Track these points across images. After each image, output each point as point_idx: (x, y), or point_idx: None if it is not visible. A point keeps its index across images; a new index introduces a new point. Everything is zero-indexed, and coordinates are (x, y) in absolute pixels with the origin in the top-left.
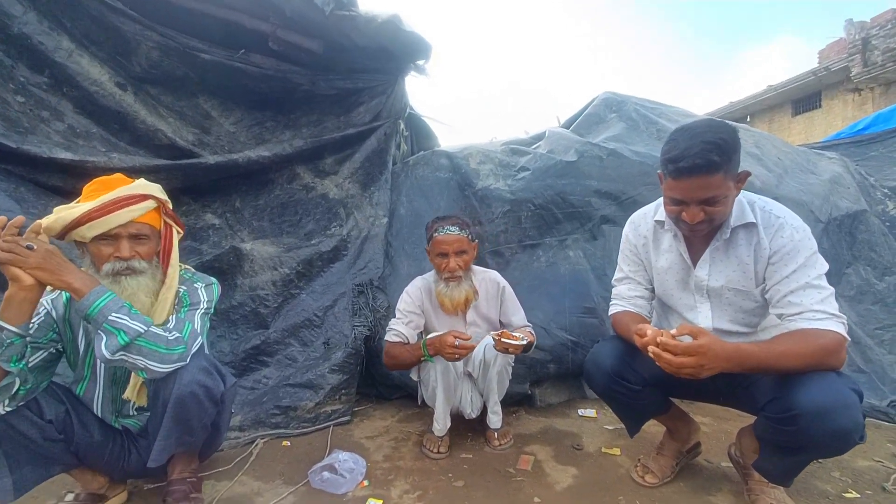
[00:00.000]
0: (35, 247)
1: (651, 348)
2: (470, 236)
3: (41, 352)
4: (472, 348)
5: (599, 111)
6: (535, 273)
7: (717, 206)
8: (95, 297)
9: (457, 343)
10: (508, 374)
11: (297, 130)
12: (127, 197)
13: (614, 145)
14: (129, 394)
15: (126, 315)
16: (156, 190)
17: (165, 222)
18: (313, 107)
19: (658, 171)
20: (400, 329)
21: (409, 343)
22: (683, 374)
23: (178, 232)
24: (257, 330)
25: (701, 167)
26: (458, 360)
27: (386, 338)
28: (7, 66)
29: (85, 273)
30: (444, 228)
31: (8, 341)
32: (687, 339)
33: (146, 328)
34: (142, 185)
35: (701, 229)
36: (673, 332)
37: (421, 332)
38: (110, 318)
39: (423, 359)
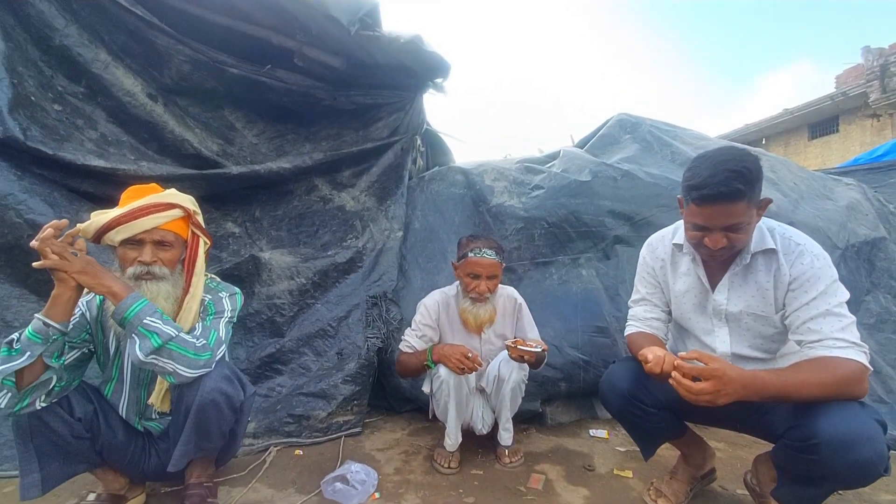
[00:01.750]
0: (78, 254)
1: (674, 374)
2: (502, 261)
3: (75, 351)
4: (480, 365)
5: (614, 132)
6: (547, 291)
7: (740, 233)
8: (132, 302)
9: (469, 354)
10: (522, 391)
11: (316, 143)
12: (154, 204)
13: (628, 166)
14: (153, 399)
15: (159, 320)
16: (186, 200)
17: (193, 232)
18: (333, 121)
19: (678, 196)
20: (412, 342)
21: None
22: (702, 401)
23: (206, 243)
24: (273, 338)
25: (725, 195)
26: (462, 373)
27: (399, 347)
28: (47, 76)
29: (121, 279)
30: (480, 251)
31: (53, 337)
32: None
33: (177, 333)
34: (171, 195)
35: (721, 255)
36: (683, 354)
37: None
38: (145, 321)
39: (425, 363)
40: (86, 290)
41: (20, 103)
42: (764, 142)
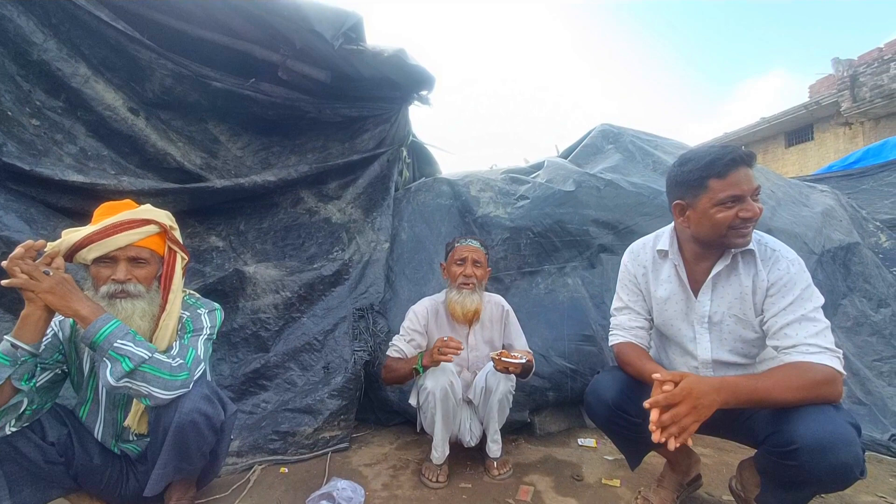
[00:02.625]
0: (51, 272)
1: (653, 426)
2: (487, 256)
3: (47, 372)
4: (460, 348)
5: (597, 142)
6: (533, 300)
7: (759, 202)
8: (102, 325)
9: (444, 338)
10: (509, 402)
11: (302, 156)
12: (128, 221)
13: (611, 176)
14: (129, 421)
15: (131, 342)
16: (161, 216)
17: (169, 248)
18: (319, 133)
19: (676, 202)
20: (400, 346)
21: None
22: (688, 424)
23: (183, 258)
24: (258, 353)
25: (748, 156)
26: (448, 360)
27: (387, 353)
28: (25, 90)
29: (92, 301)
30: (465, 240)
31: (22, 359)
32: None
33: (150, 354)
34: (146, 210)
35: (751, 233)
36: (650, 402)
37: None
38: (115, 344)
39: (414, 367)
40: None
41: None
42: (743, 149)
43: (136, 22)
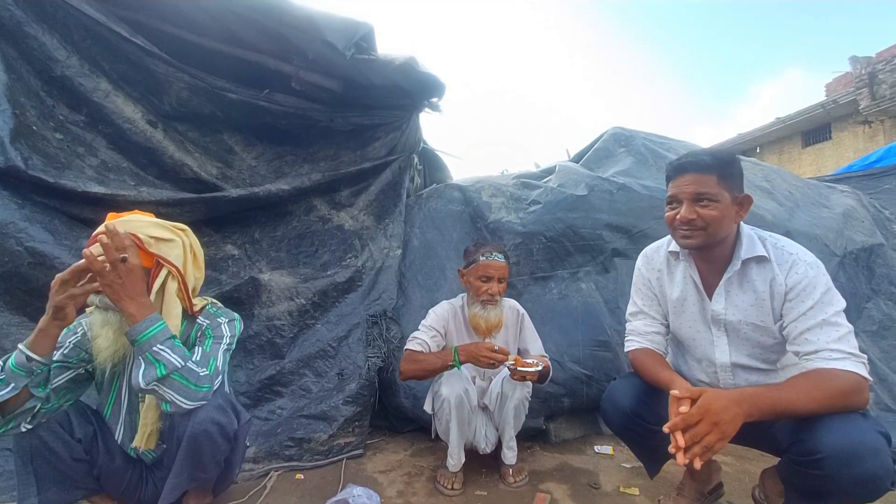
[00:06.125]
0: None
1: (674, 447)
2: (509, 266)
3: (70, 371)
4: (507, 354)
5: (608, 146)
6: (547, 305)
7: (709, 209)
8: (147, 326)
9: (496, 347)
10: (525, 408)
11: (315, 164)
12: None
13: (624, 179)
14: (137, 442)
15: (169, 348)
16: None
17: (157, 262)
18: (331, 141)
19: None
20: (424, 339)
21: (430, 352)
22: (713, 442)
23: (174, 276)
24: (273, 360)
25: (693, 164)
26: (494, 367)
27: (407, 347)
28: (49, 105)
29: (143, 299)
30: (492, 254)
31: (38, 371)
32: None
33: (183, 363)
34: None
35: (694, 236)
36: (668, 425)
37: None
38: (154, 348)
39: (450, 363)
40: (87, 309)
41: (22, 133)
42: (758, 150)
43: (153, 36)
